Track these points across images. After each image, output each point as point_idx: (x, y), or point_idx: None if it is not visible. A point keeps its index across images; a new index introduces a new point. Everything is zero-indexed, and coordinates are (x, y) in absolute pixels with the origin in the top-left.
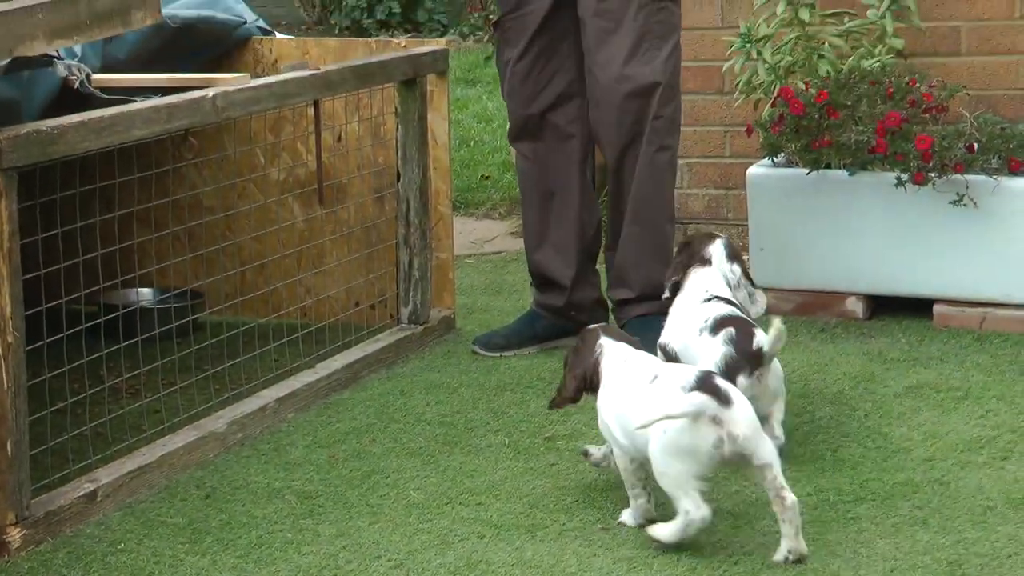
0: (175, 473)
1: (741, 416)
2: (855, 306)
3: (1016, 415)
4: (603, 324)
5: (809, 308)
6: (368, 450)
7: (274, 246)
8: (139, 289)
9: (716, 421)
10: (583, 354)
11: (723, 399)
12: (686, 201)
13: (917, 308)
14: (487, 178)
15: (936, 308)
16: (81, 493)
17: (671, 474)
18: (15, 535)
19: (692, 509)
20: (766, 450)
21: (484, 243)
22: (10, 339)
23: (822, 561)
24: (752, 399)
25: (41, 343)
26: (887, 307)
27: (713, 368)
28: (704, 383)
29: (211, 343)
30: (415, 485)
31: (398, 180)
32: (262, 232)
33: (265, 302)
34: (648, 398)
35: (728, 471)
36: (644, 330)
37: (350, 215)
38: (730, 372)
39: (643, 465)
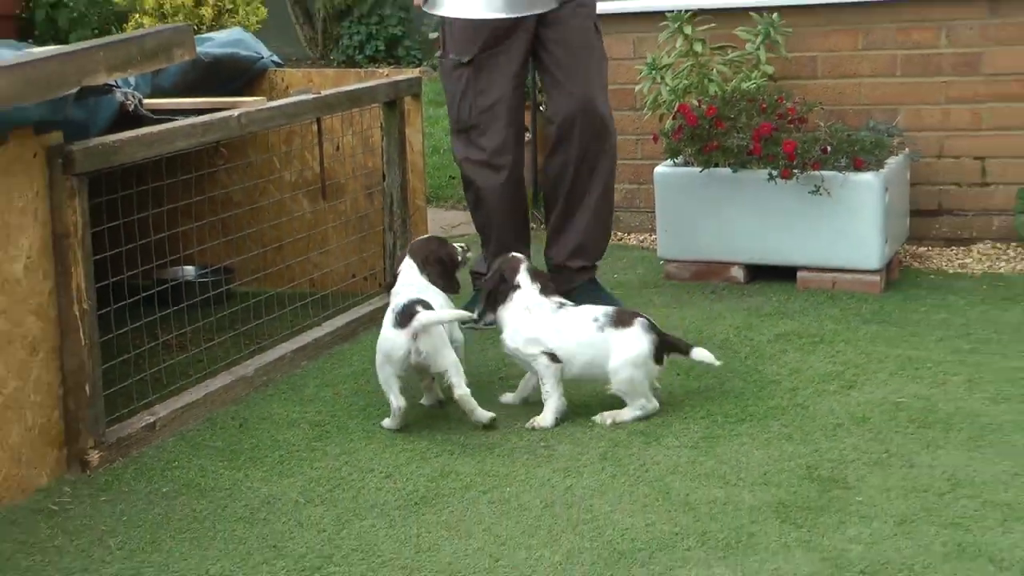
0: (215, 408)
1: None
2: (737, 273)
3: (859, 354)
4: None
5: (702, 275)
6: (364, 388)
7: (288, 231)
8: (184, 267)
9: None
10: None
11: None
12: None
13: (784, 274)
14: (453, 178)
15: (799, 274)
16: (143, 424)
17: None
18: (94, 456)
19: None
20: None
21: (451, 228)
22: (85, 306)
23: (714, 468)
24: None
25: (108, 309)
26: (761, 274)
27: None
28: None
29: (240, 308)
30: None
31: (383, 180)
32: (278, 221)
33: (281, 276)
34: None
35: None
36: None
37: (347, 207)
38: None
39: None
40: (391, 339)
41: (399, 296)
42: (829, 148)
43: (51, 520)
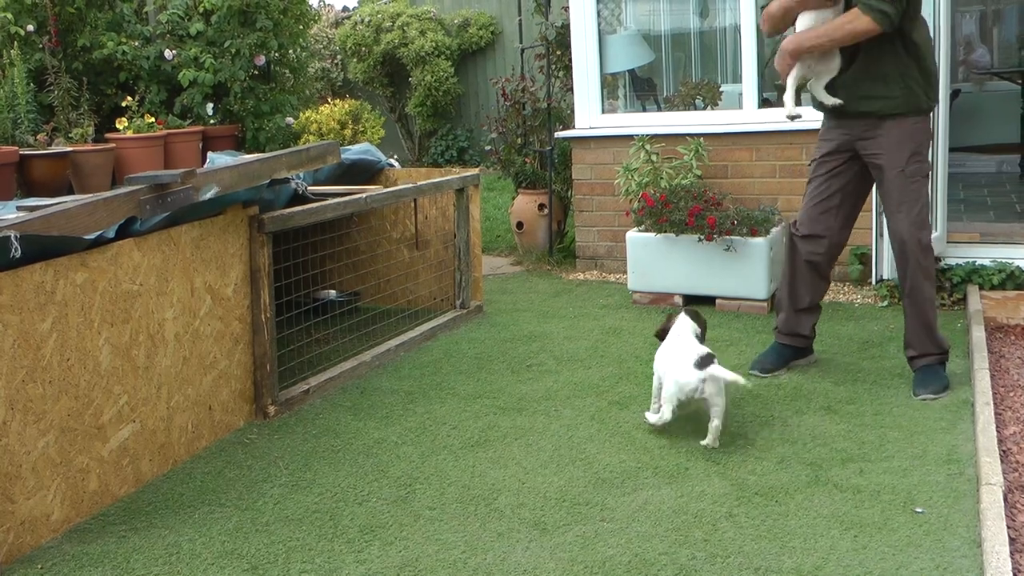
0: (346, 380)
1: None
2: (678, 300)
3: (753, 353)
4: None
5: (656, 300)
6: (440, 370)
7: (394, 269)
8: (329, 291)
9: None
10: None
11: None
12: (596, 248)
13: (707, 301)
14: (499, 236)
15: (717, 301)
16: (302, 390)
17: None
18: (271, 409)
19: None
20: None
21: (496, 269)
22: (268, 315)
23: (673, 431)
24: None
25: (283, 316)
26: (694, 301)
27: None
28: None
29: (364, 317)
30: (462, 388)
31: (455, 237)
32: (388, 263)
33: (389, 297)
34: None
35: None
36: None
37: (431, 254)
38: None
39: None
40: (688, 375)
41: (687, 346)
42: (736, 222)
43: (245, 448)
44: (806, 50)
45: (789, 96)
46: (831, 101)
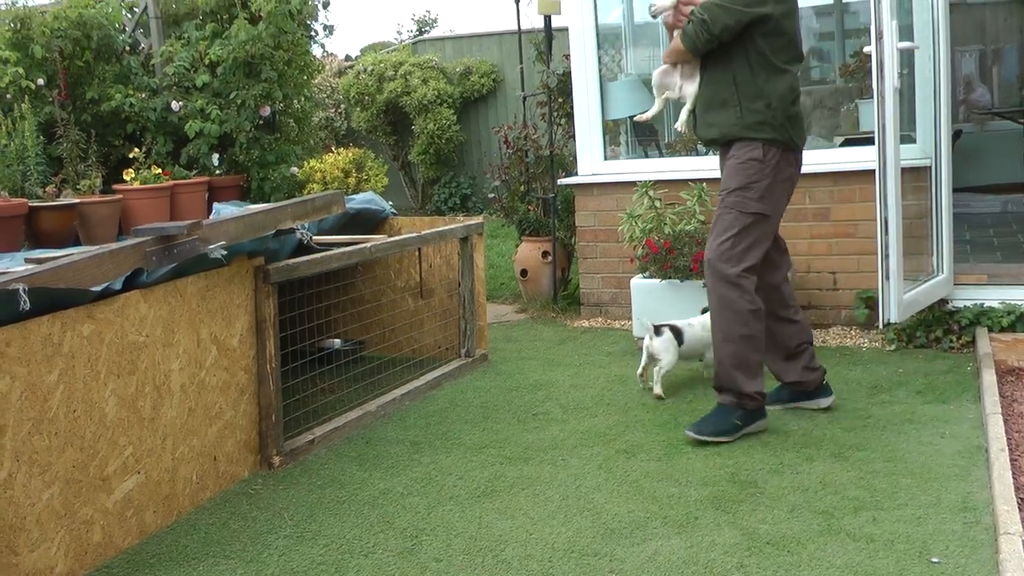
0: (351, 430)
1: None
2: None
3: None
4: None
5: None
6: (446, 419)
7: (399, 318)
8: (334, 340)
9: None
10: None
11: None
12: (601, 295)
13: None
14: (503, 284)
15: None
16: (307, 440)
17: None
18: (276, 460)
19: None
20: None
21: (501, 316)
22: (273, 365)
23: (671, 473)
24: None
25: (288, 366)
26: None
27: None
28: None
29: (368, 367)
30: (468, 437)
31: (459, 285)
32: (393, 311)
33: (394, 346)
34: None
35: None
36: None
37: (436, 303)
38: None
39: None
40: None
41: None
42: None
43: (249, 499)
44: (665, 67)
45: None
46: (676, 123)
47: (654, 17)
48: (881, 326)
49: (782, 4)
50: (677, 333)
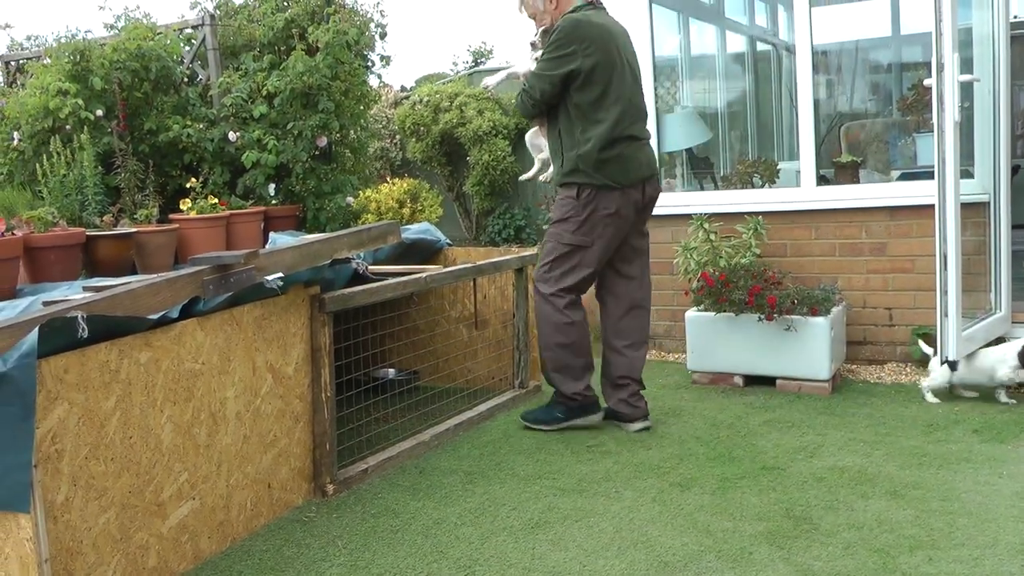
0: (405, 460)
1: None
2: (738, 380)
3: (816, 435)
4: None
5: (716, 381)
6: (499, 450)
7: (453, 348)
8: (388, 369)
9: None
10: None
11: None
12: (655, 328)
13: (768, 381)
14: None
15: (778, 381)
16: (360, 469)
17: None
18: (330, 488)
19: None
20: None
21: None
22: (328, 393)
23: (726, 507)
24: None
25: (343, 395)
26: (753, 381)
27: None
28: None
29: (422, 396)
30: (522, 468)
31: (514, 317)
32: (447, 342)
33: (448, 376)
34: None
35: None
36: None
37: (490, 334)
38: None
39: None
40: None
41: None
42: (796, 301)
43: (303, 526)
44: (534, 129)
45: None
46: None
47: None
48: (940, 364)
49: (590, 57)
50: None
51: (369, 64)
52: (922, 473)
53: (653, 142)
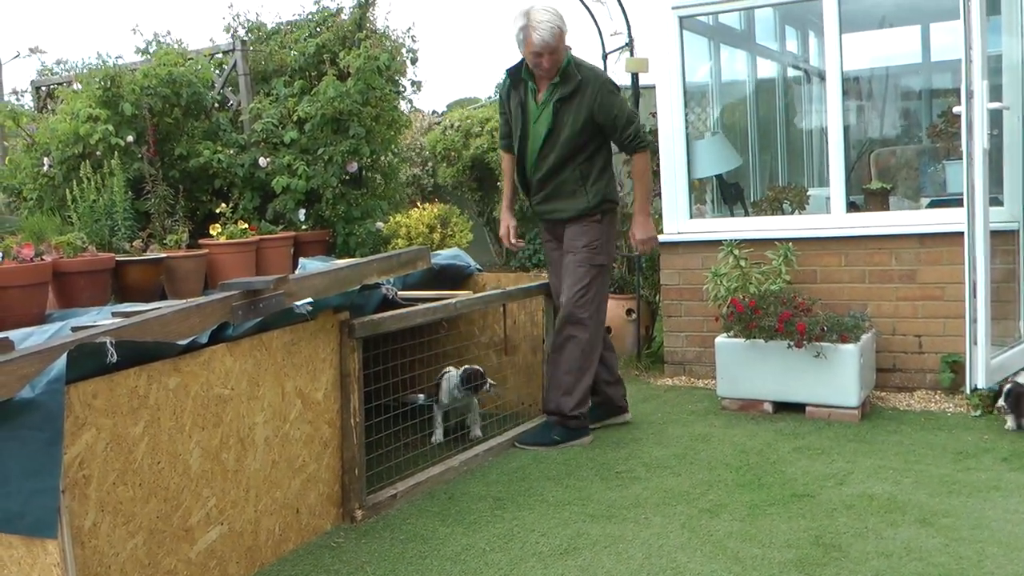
0: (433, 486)
1: None
2: (768, 407)
3: (846, 462)
4: None
5: (746, 407)
6: (528, 475)
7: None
8: (419, 395)
9: None
10: None
11: None
12: (685, 353)
13: (798, 408)
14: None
15: (807, 408)
16: (389, 495)
17: None
18: (359, 513)
19: None
20: None
21: None
22: (357, 419)
23: (755, 534)
24: None
25: (372, 421)
26: (783, 408)
27: None
28: None
29: (456, 421)
30: (551, 494)
31: (543, 342)
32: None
33: (479, 402)
34: None
35: None
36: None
37: (519, 359)
38: None
39: None
40: None
41: None
42: (826, 328)
43: (332, 552)
44: None
45: None
46: None
47: None
48: (967, 391)
49: (501, 107)
50: None
51: (400, 89)
52: (951, 501)
53: (684, 167)
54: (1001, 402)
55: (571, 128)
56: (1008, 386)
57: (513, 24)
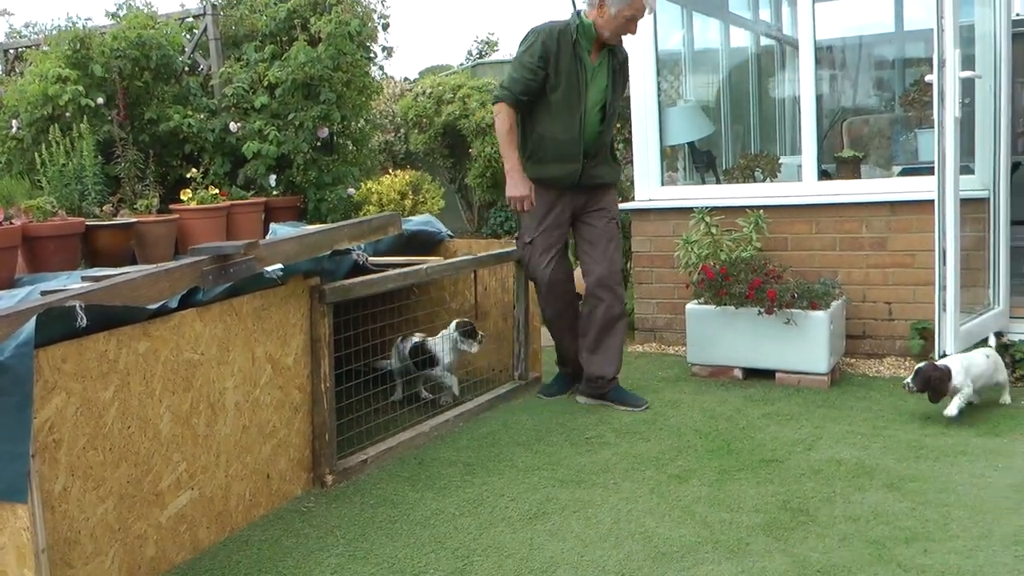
0: (404, 451)
1: None
2: (738, 373)
3: (815, 427)
4: None
5: (715, 374)
6: (498, 441)
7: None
8: (388, 360)
9: None
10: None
11: None
12: (656, 320)
13: (767, 375)
14: None
15: (777, 375)
16: (359, 460)
17: None
18: (329, 479)
19: None
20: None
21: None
22: (328, 384)
23: (723, 499)
24: None
25: (342, 386)
26: (753, 374)
27: None
28: None
29: (429, 386)
30: (521, 459)
31: (514, 309)
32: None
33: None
34: None
35: None
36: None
37: (490, 326)
38: None
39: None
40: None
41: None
42: (796, 295)
43: (302, 517)
44: None
45: None
46: None
47: None
48: (936, 358)
49: (535, 62)
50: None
51: (372, 55)
52: (919, 466)
53: (656, 135)
54: (908, 380)
55: (619, 95)
56: (920, 364)
57: None
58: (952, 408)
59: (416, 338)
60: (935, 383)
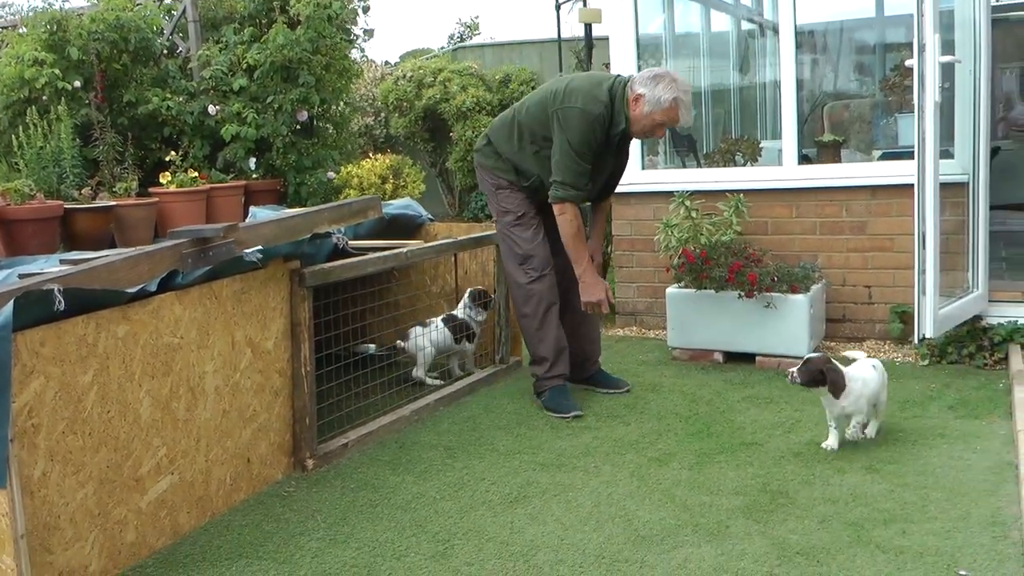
0: (385, 435)
1: None
2: (718, 357)
3: (794, 411)
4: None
5: (696, 357)
6: (479, 425)
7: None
8: (369, 344)
9: None
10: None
11: None
12: (636, 304)
13: (748, 358)
14: None
15: (757, 358)
16: (340, 444)
17: None
18: (310, 463)
19: None
20: None
21: None
22: (308, 368)
23: (703, 482)
24: None
25: (323, 370)
26: (733, 358)
27: None
28: None
29: (403, 372)
30: (501, 443)
31: (494, 292)
32: (428, 318)
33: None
34: None
35: None
36: None
37: None
38: None
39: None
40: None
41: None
42: (776, 278)
43: (283, 501)
44: None
45: None
46: None
47: None
48: (916, 341)
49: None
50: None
51: (352, 38)
52: (898, 449)
53: None
54: (793, 370)
55: (625, 157)
56: (810, 355)
57: (658, 84)
58: (833, 441)
59: (459, 313)
60: (833, 376)
